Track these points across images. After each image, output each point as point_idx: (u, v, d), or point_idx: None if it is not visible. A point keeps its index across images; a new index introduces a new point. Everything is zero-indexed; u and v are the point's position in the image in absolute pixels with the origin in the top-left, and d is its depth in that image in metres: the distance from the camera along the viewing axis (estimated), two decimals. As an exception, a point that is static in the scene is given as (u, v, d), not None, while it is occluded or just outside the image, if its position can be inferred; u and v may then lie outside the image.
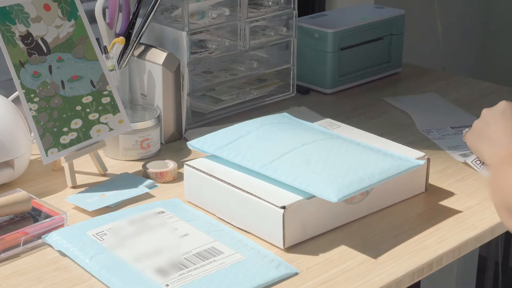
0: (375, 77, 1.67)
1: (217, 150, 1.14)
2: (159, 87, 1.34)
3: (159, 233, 1.03)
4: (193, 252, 0.98)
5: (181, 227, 1.04)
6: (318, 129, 1.21)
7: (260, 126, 1.19)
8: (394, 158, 1.11)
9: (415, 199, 1.16)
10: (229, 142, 1.15)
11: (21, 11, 1.16)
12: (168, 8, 1.41)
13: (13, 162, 1.18)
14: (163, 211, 1.09)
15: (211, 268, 0.95)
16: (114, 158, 1.29)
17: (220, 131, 1.19)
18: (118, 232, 1.03)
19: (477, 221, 1.10)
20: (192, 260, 0.97)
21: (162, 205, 1.11)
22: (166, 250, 0.99)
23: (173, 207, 1.11)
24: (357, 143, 1.15)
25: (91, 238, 1.02)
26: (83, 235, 1.03)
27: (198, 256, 0.98)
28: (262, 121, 1.21)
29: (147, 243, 1.01)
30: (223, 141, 1.15)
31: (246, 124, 1.20)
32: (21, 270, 0.99)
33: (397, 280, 0.97)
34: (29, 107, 1.15)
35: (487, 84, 1.66)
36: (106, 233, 1.03)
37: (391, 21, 1.67)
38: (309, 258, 1.01)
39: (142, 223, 1.05)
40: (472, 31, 2.57)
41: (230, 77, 1.49)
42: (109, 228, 1.04)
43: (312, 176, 1.04)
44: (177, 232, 1.03)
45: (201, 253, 0.98)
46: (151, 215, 1.07)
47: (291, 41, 1.55)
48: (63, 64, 1.19)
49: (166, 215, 1.07)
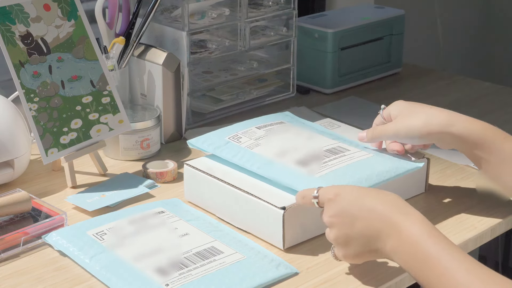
0: (375, 77, 1.67)
1: (217, 149, 1.13)
2: (159, 87, 1.34)
3: (159, 233, 1.03)
4: (193, 252, 0.98)
5: (181, 227, 1.04)
6: (318, 129, 1.21)
7: (261, 124, 1.19)
8: (393, 160, 1.10)
9: (415, 199, 1.16)
10: (228, 141, 1.14)
11: (21, 11, 1.16)
12: (168, 8, 1.41)
13: (13, 162, 1.18)
14: (163, 210, 1.09)
15: (211, 268, 0.95)
16: (114, 158, 1.29)
17: (221, 130, 1.19)
18: (118, 231, 1.03)
19: (477, 221, 1.10)
20: (192, 260, 0.97)
21: (162, 205, 1.11)
22: (166, 250, 0.99)
23: (173, 206, 1.11)
24: (356, 144, 1.14)
25: (91, 238, 1.02)
26: (83, 234, 1.03)
27: (198, 255, 0.98)
28: (264, 120, 1.21)
29: (147, 243, 1.01)
30: (222, 140, 1.15)
31: (247, 122, 1.20)
32: (21, 270, 0.99)
33: (397, 280, 0.97)
34: (29, 107, 1.15)
35: (487, 84, 1.66)
36: (106, 233, 1.03)
37: (391, 21, 1.67)
38: (309, 258, 1.01)
39: (142, 222, 1.05)
40: (472, 31, 2.57)
41: (230, 77, 1.49)
42: (109, 227, 1.04)
43: (308, 179, 1.04)
44: (177, 232, 1.03)
45: (201, 253, 0.98)
46: (151, 214, 1.07)
47: (291, 41, 1.54)
48: (63, 64, 1.19)
49: (166, 215, 1.07)
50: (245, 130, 1.17)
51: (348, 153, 1.10)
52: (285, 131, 1.17)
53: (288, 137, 1.15)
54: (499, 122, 1.45)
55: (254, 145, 1.13)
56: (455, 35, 2.44)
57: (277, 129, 1.18)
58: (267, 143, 1.13)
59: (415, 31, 2.15)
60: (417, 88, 1.63)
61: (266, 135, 1.15)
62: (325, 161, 1.08)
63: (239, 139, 1.15)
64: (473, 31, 2.57)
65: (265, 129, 1.17)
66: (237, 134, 1.16)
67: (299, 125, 1.21)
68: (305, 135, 1.16)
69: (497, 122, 1.44)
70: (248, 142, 1.14)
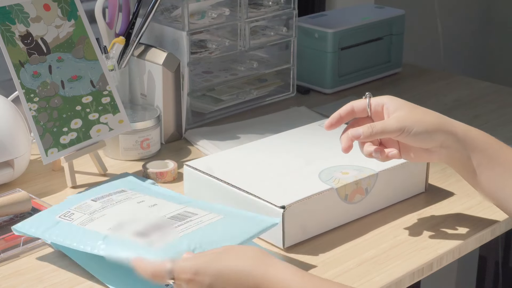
0: (375, 77, 1.67)
1: (45, 232, 0.99)
2: (159, 87, 1.34)
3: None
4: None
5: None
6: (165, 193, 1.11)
7: (98, 196, 1.07)
8: (246, 219, 1.00)
9: (415, 199, 1.16)
10: (59, 221, 1.01)
11: (21, 11, 1.16)
12: (168, 8, 1.41)
13: (13, 162, 1.18)
14: (124, 190, 1.08)
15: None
16: (114, 158, 1.29)
17: (52, 208, 1.05)
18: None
19: (477, 221, 1.10)
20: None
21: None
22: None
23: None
24: (206, 207, 1.03)
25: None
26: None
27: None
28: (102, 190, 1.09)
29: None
30: (52, 220, 1.01)
31: (83, 195, 1.09)
32: (21, 270, 0.99)
33: (397, 280, 0.97)
34: (29, 107, 1.15)
35: (487, 84, 1.66)
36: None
37: (391, 21, 1.67)
38: (309, 258, 1.01)
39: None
40: (472, 31, 2.57)
41: (230, 77, 1.49)
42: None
43: (148, 250, 0.92)
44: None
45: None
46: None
47: (291, 41, 1.54)
48: (63, 64, 1.19)
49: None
50: (79, 205, 1.04)
51: (195, 218, 0.98)
52: (124, 199, 1.05)
53: (127, 207, 1.03)
54: (499, 122, 1.45)
55: (88, 221, 0.99)
56: (455, 35, 2.44)
57: (116, 198, 1.06)
58: (102, 216, 1.00)
59: (415, 31, 2.15)
60: (417, 88, 1.64)
61: (102, 207, 1.03)
62: (168, 230, 0.96)
63: (71, 216, 1.01)
64: (473, 31, 2.57)
65: (101, 201, 1.05)
66: (69, 210, 1.03)
67: (143, 192, 1.09)
68: (148, 202, 1.04)
69: (497, 122, 1.45)
70: (81, 218, 1.00)
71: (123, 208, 1.02)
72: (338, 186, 1.06)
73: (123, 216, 1.00)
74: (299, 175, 1.09)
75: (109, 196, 1.06)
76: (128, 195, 1.06)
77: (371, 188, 1.09)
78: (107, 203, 1.04)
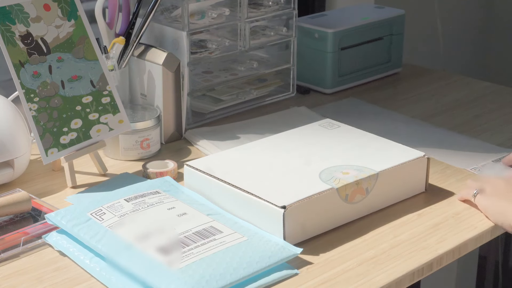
0: (375, 77, 1.67)
1: (75, 227, 1.01)
2: (159, 87, 1.34)
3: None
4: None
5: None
6: (198, 200, 1.10)
7: (132, 196, 1.08)
8: (269, 245, 0.99)
9: (415, 199, 1.16)
10: (89, 218, 1.03)
11: (21, 11, 1.16)
12: (168, 8, 1.41)
13: (13, 162, 1.18)
14: (158, 191, 1.10)
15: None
16: (114, 158, 1.29)
17: (87, 203, 1.06)
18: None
19: (477, 221, 1.10)
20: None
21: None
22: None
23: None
24: (234, 222, 1.04)
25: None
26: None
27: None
28: (137, 189, 1.10)
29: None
30: (84, 216, 1.03)
31: (117, 192, 1.10)
32: (21, 270, 0.99)
33: (397, 280, 0.97)
34: (29, 107, 1.15)
35: (487, 84, 1.66)
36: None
37: (391, 21, 1.67)
38: (309, 258, 1.01)
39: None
40: (472, 31, 2.57)
41: (230, 77, 1.49)
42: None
43: (165, 272, 0.93)
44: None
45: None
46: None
47: (291, 41, 1.54)
48: (63, 64, 1.19)
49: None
50: (112, 204, 1.06)
51: (219, 237, 0.99)
52: (157, 203, 1.06)
53: (157, 215, 1.04)
54: (499, 122, 1.45)
55: (117, 224, 1.01)
56: (455, 35, 2.44)
57: (149, 201, 1.07)
58: (131, 222, 1.02)
59: (415, 31, 2.15)
60: (417, 88, 1.63)
61: (134, 209, 1.04)
62: (190, 248, 0.96)
63: (102, 216, 1.03)
64: (473, 31, 2.57)
65: (134, 202, 1.06)
66: (101, 209, 1.05)
67: (175, 196, 1.09)
68: (177, 210, 1.05)
69: (497, 122, 1.45)
70: (111, 220, 1.02)
71: (152, 214, 1.04)
72: (338, 186, 1.06)
73: (151, 225, 1.01)
74: (300, 175, 1.10)
75: (142, 197, 1.08)
76: (161, 198, 1.08)
77: (372, 188, 1.09)
78: (139, 206, 1.05)
